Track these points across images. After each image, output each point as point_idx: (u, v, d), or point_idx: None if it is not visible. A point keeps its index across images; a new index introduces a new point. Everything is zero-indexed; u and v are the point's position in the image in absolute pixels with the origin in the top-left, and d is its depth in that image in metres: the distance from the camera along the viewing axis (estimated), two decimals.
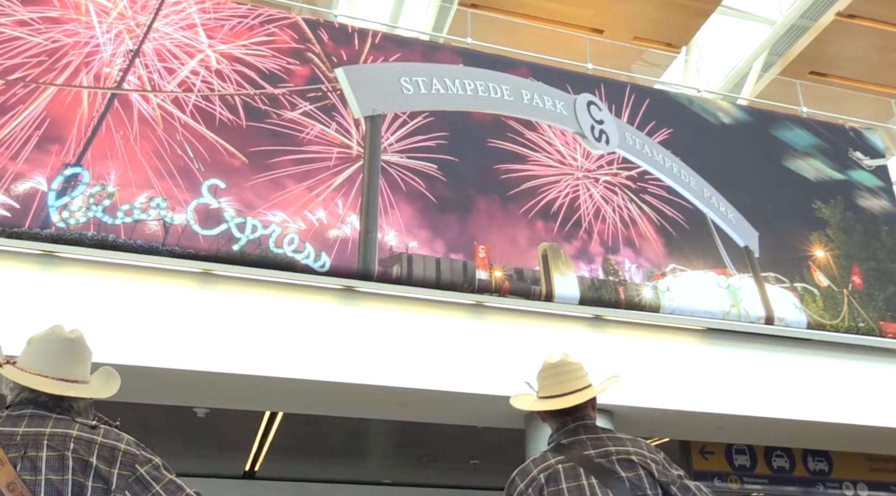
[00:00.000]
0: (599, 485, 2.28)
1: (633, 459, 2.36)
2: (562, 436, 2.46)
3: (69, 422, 1.96)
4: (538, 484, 2.30)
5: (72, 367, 2.04)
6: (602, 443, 2.41)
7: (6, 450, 1.87)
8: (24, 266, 4.60)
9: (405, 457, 11.45)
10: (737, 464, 8.27)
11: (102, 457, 1.91)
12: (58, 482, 1.86)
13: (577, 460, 2.34)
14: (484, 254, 5.46)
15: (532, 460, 2.42)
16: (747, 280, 6.20)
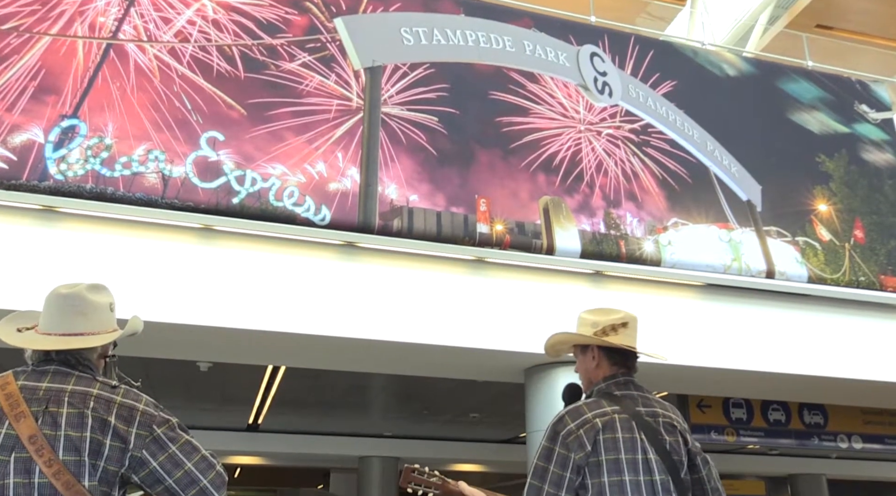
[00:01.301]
0: (648, 441, 2.30)
1: (675, 425, 2.39)
2: (612, 386, 2.45)
3: (90, 381, 1.99)
4: (594, 427, 2.29)
5: (69, 321, 2.04)
6: (650, 404, 2.43)
7: (29, 404, 1.90)
8: (25, 221, 4.58)
9: (406, 410, 11.61)
10: (733, 418, 8.40)
11: (121, 416, 1.93)
12: (76, 439, 1.88)
13: (630, 414, 2.35)
14: (485, 207, 5.43)
15: (585, 404, 2.40)
16: (749, 234, 6.19)
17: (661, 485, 2.26)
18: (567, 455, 2.27)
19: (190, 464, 1.97)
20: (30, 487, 1.82)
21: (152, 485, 1.96)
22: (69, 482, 1.82)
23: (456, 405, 10.82)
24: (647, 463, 2.27)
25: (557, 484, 2.26)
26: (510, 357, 5.53)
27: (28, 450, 1.84)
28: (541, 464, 2.31)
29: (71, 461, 1.86)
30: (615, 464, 2.25)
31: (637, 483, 2.24)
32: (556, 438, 2.31)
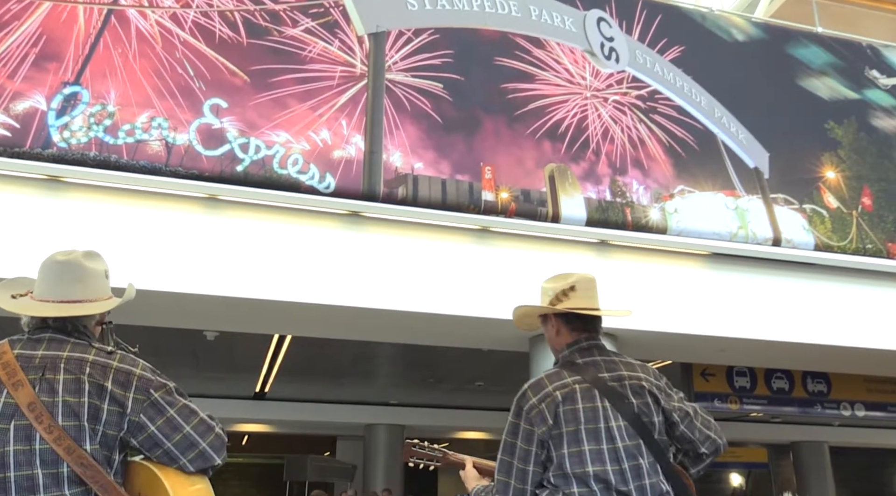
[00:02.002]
0: (612, 408, 2.29)
1: (644, 385, 2.36)
2: (575, 354, 2.43)
3: (86, 347, 1.99)
4: (554, 400, 2.29)
5: (67, 288, 2.04)
6: (615, 367, 2.40)
7: (25, 372, 1.90)
8: (30, 191, 4.58)
9: (411, 378, 11.70)
10: (737, 386, 8.44)
11: (118, 381, 1.93)
12: (74, 404, 1.88)
13: (592, 381, 2.33)
14: (490, 175, 5.39)
15: (546, 376, 2.39)
16: (756, 201, 6.15)
17: (625, 451, 2.25)
18: (531, 430, 2.29)
19: (188, 428, 1.97)
20: (31, 454, 1.83)
21: (151, 449, 1.96)
22: (70, 447, 1.83)
23: (461, 373, 10.89)
24: (610, 431, 2.26)
25: (524, 459, 2.30)
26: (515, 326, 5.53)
27: (27, 417, 1.84)
28: (509, 440, 2.34)
29: (71, 426, 1.86)
30: (575, 436, 2.26)
31: (599, 451, 2.24)
32: (521, 413, 2.33)
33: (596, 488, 2.21)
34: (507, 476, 2.32)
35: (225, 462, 2.06)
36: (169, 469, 1.96)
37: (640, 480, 2.25)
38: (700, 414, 2.42)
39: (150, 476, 1.95)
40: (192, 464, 1.97)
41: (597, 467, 2.22)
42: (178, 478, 1.96)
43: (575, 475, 2.23)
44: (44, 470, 1.82)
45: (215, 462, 2.00)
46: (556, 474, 2.26)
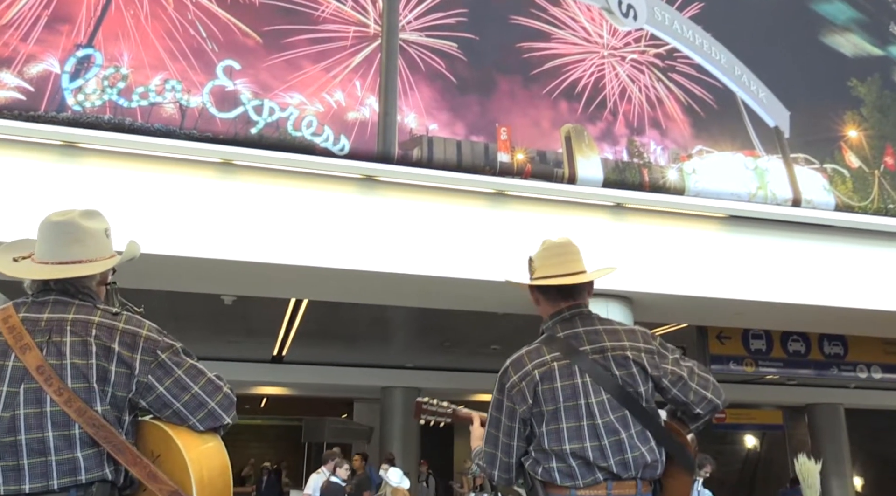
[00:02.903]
0: (593, 383, 2.28)
1: (628, 355, 2.33)
2: (557, 326, 2.40)
3: (91, 309, 1.97)
4: (532, 380, 2.29)
5: (65, 249, 2.01)
6: (598, 338, 2.36)
7: (32, 335, 1.89)
8: (46, 157, 4.59)
9: (427, 342, 11.77)
10: (753, 349, 8.42)
11: (124, 343, 1.93)
12: (82, 366, 1.88)
13: (571, 357, 2.31)
14: (506, 136, 5.34)
15: (526, 352, 2.38)
16: (776, 161, 6.05)
17: (605, 427, 2.24)
18: (513, 407, 2.32)
19: (196, 388, 1.97)
20: (42, 416, 1.83)
21: (160, 410, 1.96)
22: (81, 408, 1.83)
23: (476, 337, 10.94)
24: (589, 407, 2.26)
25: (508, 434, 2.33)
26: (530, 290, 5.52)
27: (37, 380, 1.83)
28: (494, 415, 2.37)
29: (80, 388, 1.86)
30: (554, 414, 2.27)
31: (578, 428, 2.25)
32: (503, 390, 2.35)
33: (574, 464, 2.24)
34: (494, 448, 2.37)
35: (244, 423, 2.07)
36: (180, 428, 1.97)
37: (621, 454, 2.25)
38: (696, 374, 2.38)
39: (162, 435, 1.96)
40: (202, 424, 1.98)
41: (574, 444, 2.24)
42: (189, 436, 1.97)
43: (553, 451, 2.25)
44: (55, 432, 1.82)
45: (224, 421, 2.01)
46: (536, 449, 2.29)
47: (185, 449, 1.92)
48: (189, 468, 1.90)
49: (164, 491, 1.85)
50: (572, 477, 2.22)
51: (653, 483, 2.33)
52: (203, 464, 1.95)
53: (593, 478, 2.23)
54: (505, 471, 2.36)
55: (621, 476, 2.24)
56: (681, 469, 2.40)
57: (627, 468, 2.25)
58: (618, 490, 2.24)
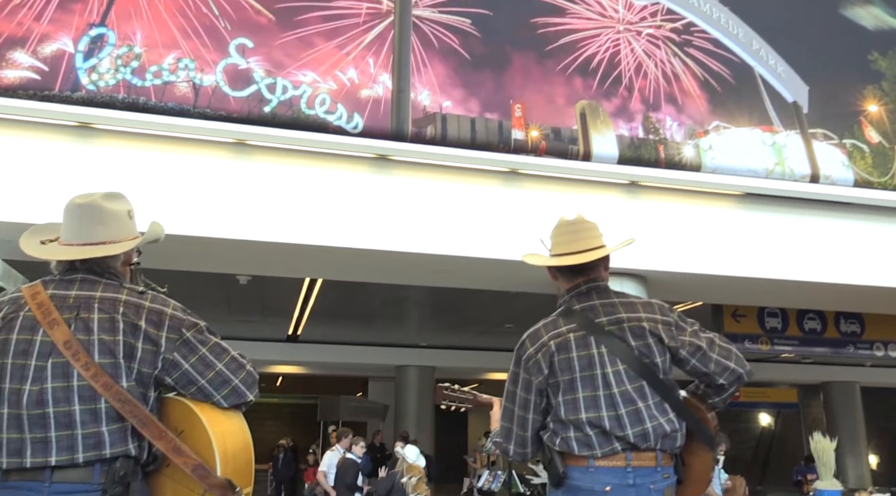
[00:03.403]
0: (609, 354, 2.29)
1: (644, 326, 2.33)
2: (573, 299, 2.41)
3: (117, 288, 2.01)
4: (548, 351, 2.31)
5: (89, 230, 2.04)
6: (614, 310, 2.36)
7: (60, 312, 1.92)
8: (62, 138, 4.61)
9: (441, 321, 11.82)
10: (768, 327, 8.38)
11: (151, 320, 1.96)
12: (110, 342, 1.92)
13: (587, 328, 2.32)
14: (520, 113, 5.29)
15: (543, 324, 2.40)
16: (794, 137, 5.97)
17: (622, 396, 2.25)
18: (529, 379, 2.33)
19: (221, 365, 2.00)
20: (69, 390, 1.86)
21: (186, 386, 1.99)
22: (107, 383, 1.86)
23: (490, 316, 10.96)
24: (606, 377, 2.26)
25: (524, 406, 2.34)
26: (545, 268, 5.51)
27: (64, 355, 1.87)
28: (510, 388, 2.38)
29: (107, 363, 1.89)
30: (570, 384, 2.28)
31: (594, 398, 2.25)
32: (520, 363, 2.36)
33: (591, 433, 2.24)
34: (510, 422, 2.37)
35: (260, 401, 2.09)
36: (204, 404, 2.00)
37: (640, 424, 2.25)
38: (718, 344, 2.37)
39: (187, 411, 1.99)
40: (226, 401, 2.01)
41: (591, 413, 2.24)
42: (213, 412, 2.00)
43: (570, 421, 2.26)
44: (81, 406, 1.86)
45: (248, 398, 2.04)
46: (553, 420, 2.30)
47: (209, 425, 1.95)
48: (213, 443, 1.93)
49: (188, 465, 1.87)
50: (590, 446, 2.23)
51: (674, 457, 2.33)
52: (227, 439, 1.98)
53: (611, 448, 2.23)
54: (520, 446, 2.36)
55: (640, 446, 2.24)
56: (701, 445, 2.41)
57: (646, 438, 2.24)
58: (637, 461, 2.24)
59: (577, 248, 2.42)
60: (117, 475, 1.85)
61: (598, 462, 2.21)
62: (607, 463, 2.22)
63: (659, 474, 2.27)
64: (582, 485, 2.21)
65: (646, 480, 2.24)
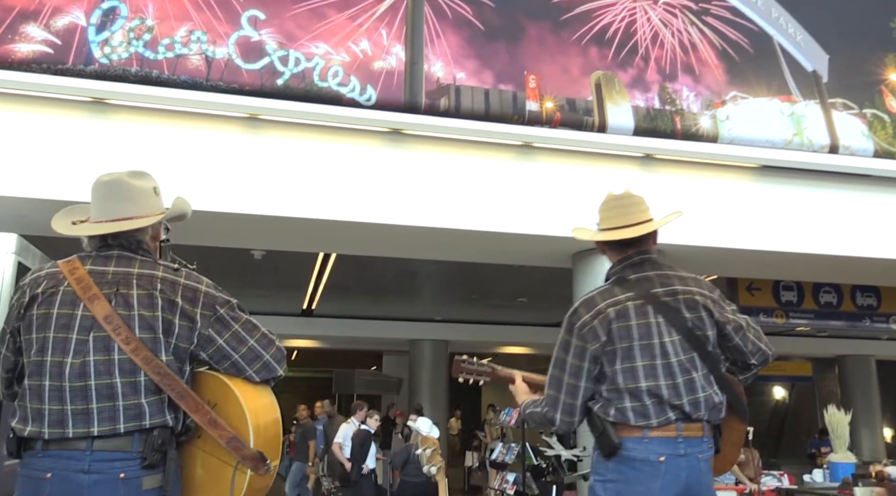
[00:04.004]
0: (665, 323, 2.31)
1: (697, 299, 2.37)
2: (627, 269, 2.43)
3: (153, 264, 2.06)
4: (606, 317, 2.31)
5: (116, 207, 2.08)
6: (669, 281, 2.39)
7: (100, 287, 1.97)
8: (76, 114, 4.62)
9: (455, 295, 11.85)
10: (783, 300, 8.34)
11: (186, 297, 2.01)
12: (149, 318, 1.97)
13: (645, 298, 2.34)
14: (534, 84, 5.23)
15: (598, 293, 2.40)
16: (813, 107, 5.87)
17: (678, 366, 2.28)
18: (583, 346, 2.32)
19: (252, 341, 2.06)
20: (110, 364, 1.91)
21: (219, 361, 2.05)
22: (147, 357, 1.92)
23: (504, 290, 10.98)
24: (664, 347, 2.29)
25: (576, 374, 2.33)
26: (558, 242, 5.51)
27: (105, 329, 1.92)
28: (560, 356, 2.37)
29: (147, 338, 1.95)
30: (628, 352, 2.28)
31: (652, 367, 2.27)
32: (572, 330, 2.36)
33: (648, 402, 2.25)
34: (557, 390, 2.36)
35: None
36: (237, 379, 2.05)
37: (693, 394, 2.28)
38: (751, 326, 2.43)
39: (220, 385, 2.05)
40: (258, 375, 2.07)
41: (650, 382, 2.26)
42: (246, 387, 2.05)
43: (628, 390, 2.26)
44: (122, 379, 1.91)
45: (278, 372, 2.10)
46: (609, 388, 2.29)
47: (242, 398, 2.01)
48: (247, 416, 1.98)
49: (223, 437, 1.93)
50: (646, 416, 2.24)
51: (713, 428, 2.37)
52: (259, 413, 2.03)
53: (665, 418, 2.25)
54: (567, 414, 2.34)
55: (692, 416, 2.27)
56: (737, 418, 2.46)
57: (698, 408, 2.28)
58: (687, 431, 2.27)
59: (626, 223, 2.43)
60: (155, 444, 1.91)
61: (652, 432, 2.23)
62: (661, 433, 2.24)
63: (705, 444, 2.31)
64: (636, 456, 2.23)
65: (694, 450, 2.27)
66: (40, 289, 2.00)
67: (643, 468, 2.21)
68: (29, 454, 1.92)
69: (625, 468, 2.23)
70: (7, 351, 2.06)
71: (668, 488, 2.21)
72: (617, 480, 2.24)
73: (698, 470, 2.26)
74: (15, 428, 1.94)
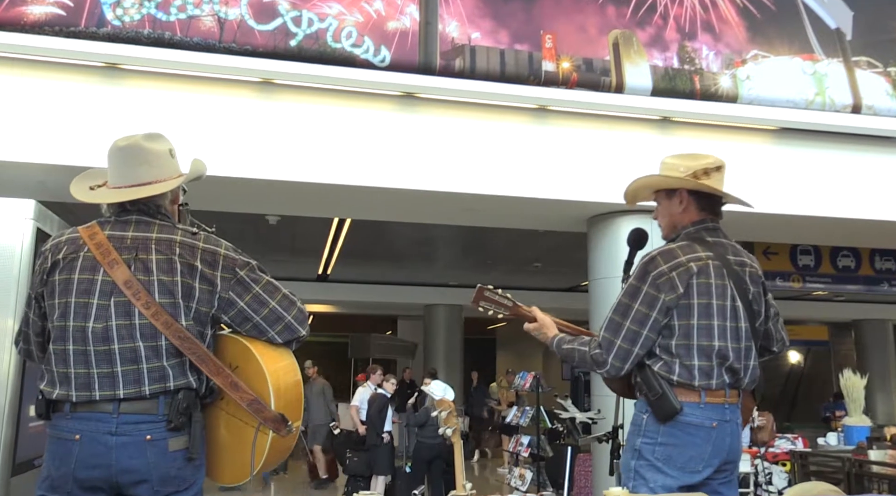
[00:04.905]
0: (736, 289, 2.33)
1: (758, 276, 2.42)
2: (703, 232, 2.42)
3: (172, 228, 2.06)
4: (688, 271, 2.29)
5: (134, 172, 2.08)
6: (739, 253, 2.43)
7: (119, 252, 1.98)
8: (89, 79, 4.61)
9: (469, 260, 11.84)
10: (800, 264, 8.28)
11: (205, 261, 2.01)
12: (168, 283, 1.97)
13: (722, 261, 2.35)
14: (551, 43, 5.14)
15: (678, 246, 2.37)
16: (836, 65, 5.73)
17: (744, 331, 2.32)
18: (656, 295, 2.28)
19: (274, 303, 2.06)
20: (132, 328, 1.93)
21: (241, 324, 2.06)
22: (168, 322, 1.93)
23: (519, 255, 10.96)
24: (735, 310, 2.31)
25: (641, 322, 2.28)
26: (573, 206, 5.48)
27: (126, 294, 1.94)
28: (625, 301, 2.32)
29: (167, 303, 1.96)
30: (706, 309, 2.28)
31: (724, 328, 2.28)
32: (646, 278, 2.31)
33: (715, 362, 2.27)
34: (615, 335, 2.30)
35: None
36: (258, 341, 2.06)
37: (749, 360, 2.34)
38: (779, 315, 2.51)
39: (242, 348, 2.06)
40: (280, 337, 2.07)
41: (721, 342, 2.28)
42: (267, 350, 2.06)
43: (700, 347, 2.26)
44: (144, 343, 1.93)
45: (300, 333, 2.10)
46: (679, 344, 2.28)
47: (263, 361, 2.02)
48: (267, 379, 2.00)
49: (244, 399, 1.96)
50: (709, 376, 2.26)
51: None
52: (280, 376, 2.05)
53: (721, 381, 2.28)
54: (621, 360, 2.29)
55: (742, 383, 2.32)
56: (750, 396, 2.51)
57: (748, 374, 2.34)
58: (731, 399, 2.32)
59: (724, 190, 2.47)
60: (180, 407, 1.94)
61: (708, 398, 2.25)
62: (714, 399, 2.27)
63: (738, 411, 2.36)
64: (692, 421, 2.24)
65: (735, 416, 2.32)
66: (61, 254, 2.02)
67: (697, 433, 2.23)
68: (57, 416, 1.96)
69: (679, 432, 2.24)
70: (34, 315, 2.09)
71: (717, 454, 2.25)
72: (668, 444, 2.24)
73: (737, 436, 2.32)
74: (43, 390, 1.97)
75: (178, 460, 1.93)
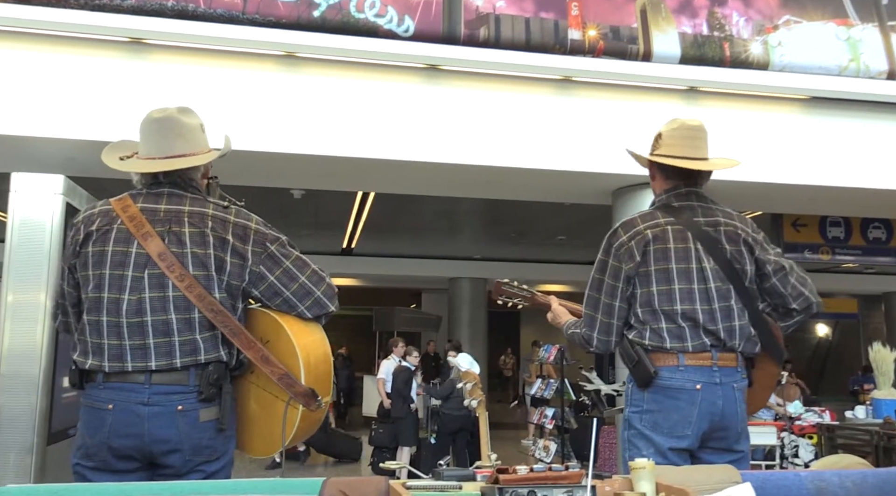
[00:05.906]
0: (704, 251, 2.30)
1: (739, 233, 2.36)
2: (672, 198, 2.42)
3: (203, 202, 2.07)
4: (644, 238, 2.31)
5: (169, 143, 2.08)
6: (712, 213, 2.39)
7: (152, 225, 1.99)
8: (114, 54, 4.63)
9: (494, 233, 11.83)
10: (830, 236, 8.15)
11: (237, 234, 2.03)
12: (202, 255, 1.99)
13: (686, 224, 2.33)
14: (577, 11, 5.04)
15: (639, 216, 2.39)
16: (871, 30, 5.55)
17: (716, 291, 2.28)
18: (619, 266, 2.33)
19: (304, 278, 2.07)
20: (165, 300, 1.95)
21: (272, 298, 2.07)
22: (201, 294, 1.95)
23: (543, 228, 10.92)
24: (703, 272, 2.29)
25: (612, 294, 2.35)
26: (598, 179, 5.43)
27: (160, 266, 1.95)
28: (597, 276, 2.40)
29: (200, 275, 1.97)
30: (664, 274, 2.29)
31: (689, 291, 2.27)
32: (610, 250, 2.37)
33: (684, 325, 2.26)
34: (594, 310, 2.40)
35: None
36: (288, 316, 2.08)
37: (729, 321, 2.28)
38: (796, 271, 2.42)
39: (272, 322, 2.08)
40: (310, 311, 2.09)
41: (685, 306, 2.26)
42: (297, 324, 2.08)
43: (663, 312, 2.27)
44: (177, 315, 1.95)
45: (329, 308, 2.12)
46: (644, 310, 2.31)
47: (293, 336, 2.04)
48: (298, 354, 2.02)
49: (275, 373, 1.97)
50: (681, 338, 2.25)
51: (746, 361, 2.37)
52: (310, 350, 2.07)
53: (700, 343, 2.26)
54: (604, 333, 2.38)
55: (727, 344, 2.28)
56: (770, 359, 2.45)
57: (733, 336, 2.28)
58: (722, 361, 2.28)
59: (693, 154, 2.41)
60: (211, 378, 1.96)
61: (688, 360, 2.24)
62: (696, 361, 2.25)
63: (739, 374, 2.32)
64: (672, 384, 2.24)
65: (730, 379, 2.28)
66: (94, 226, 2.03)
67: (680, 396, 2.23)
68: (90, 386, 1.99)
69: (661, 397, 2.25)
70: (69, 287, 2.11)
71: (705, 416, 2.23)
72: (653, 410, 2.27)
73: (734, 399, 2.27)
74: (76, 360, 2.00)
75: (209, 430, 1.96)
